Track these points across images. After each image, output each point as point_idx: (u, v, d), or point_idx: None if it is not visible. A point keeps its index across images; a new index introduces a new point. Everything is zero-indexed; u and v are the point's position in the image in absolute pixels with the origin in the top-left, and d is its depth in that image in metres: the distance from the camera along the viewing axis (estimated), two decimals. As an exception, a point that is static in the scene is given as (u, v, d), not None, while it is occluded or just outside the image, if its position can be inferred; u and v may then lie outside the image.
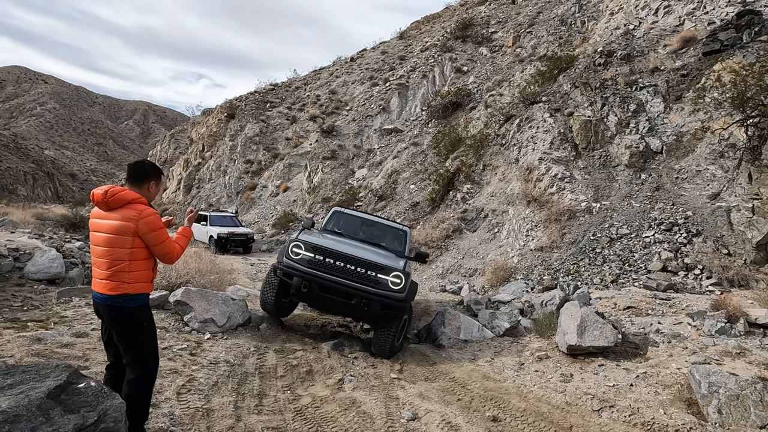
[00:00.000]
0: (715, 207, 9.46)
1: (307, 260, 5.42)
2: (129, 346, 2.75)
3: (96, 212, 2.78)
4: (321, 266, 5.39)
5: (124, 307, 2.69)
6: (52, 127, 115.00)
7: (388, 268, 5.44)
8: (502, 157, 14.83)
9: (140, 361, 2.75)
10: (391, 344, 5.47)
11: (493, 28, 30.84)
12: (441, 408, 4.24)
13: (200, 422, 3.34)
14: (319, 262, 5.40)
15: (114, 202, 2.70)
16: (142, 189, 2.84)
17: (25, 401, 1.92)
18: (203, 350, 4.72)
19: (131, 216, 2.67)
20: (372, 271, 5.38)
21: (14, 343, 3.73)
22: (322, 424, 3.74)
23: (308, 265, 5.39)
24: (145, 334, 2.80)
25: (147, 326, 2.81)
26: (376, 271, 5.39)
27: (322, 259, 5.41)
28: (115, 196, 2.71)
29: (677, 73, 12.89)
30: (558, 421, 4.13)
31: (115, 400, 2.19)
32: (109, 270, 2.68)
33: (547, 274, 10.23)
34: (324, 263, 5.40)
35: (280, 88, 37.28)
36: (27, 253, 7.07)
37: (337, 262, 5.39)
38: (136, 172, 2.85)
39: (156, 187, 2.91)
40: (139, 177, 2.84)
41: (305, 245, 5.50)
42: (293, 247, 5.53)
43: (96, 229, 2.73)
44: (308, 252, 5.46)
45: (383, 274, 5.40)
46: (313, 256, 5.43)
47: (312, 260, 5.41)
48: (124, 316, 2.71)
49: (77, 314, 4.97)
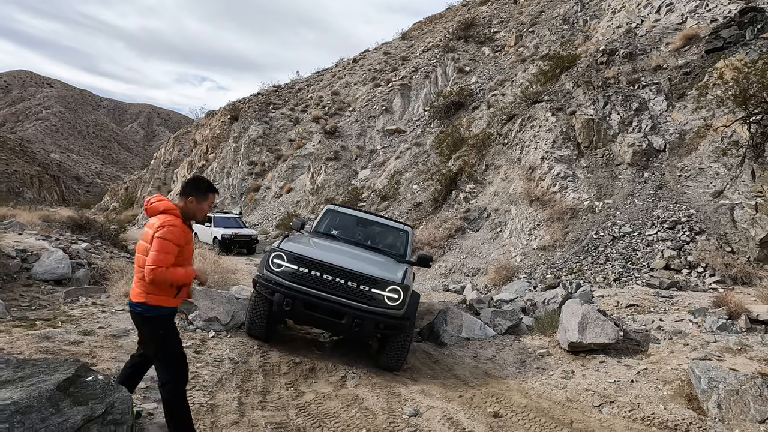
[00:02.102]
0: (718, 205, 9.45)
1: (289, 273, 4.76)
2: (152, 350, 2.84)
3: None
4: (306, 280, 4.73)
5: (143, 315, 2.74)
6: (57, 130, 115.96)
7: (384, 282, 4.78)
8: (505, 157, 14.85)
9: (164, 365, 2.77)
10: (398, 359, 4.99)
11: (496, 28, 30.83)
12: (442, 404, 4.28)
13: (205, 417, 3.39)
14: (303, 276, 4.74)
15: (149, 210, 2.81)
16: (183, 202, 2.90)
17: (35, 393, 1.98)
18: (207, 348, 4.78)
19: (155, 224, 2.73)
20: (365, 285, 4.73)
21: (23, 341, 3.81)
22: (325, 419, 3.79)
23: (291, 279, 4.74)
24: (166, 341, 2.81)
25: (164, 334, 2.80)
26: (369, 286, 4.73)
27: (307, 272, 4.75)
28: (151, 205, 2.81)
29: (680, 71, 12.87)
30: (559, 417, 4.16)
31: (122, 393, 2.25)
32: (137, 276, 2.76)
33: (550, 273, 10.25)
34: (309, 276, 4.74)
35: (282, 89, 37.43)
36: (34, 254, 7.17)
37: (325, 275, 4.72)
38: (183, 186, 2.95)
39: (197, 204, 2.90)
40: (182, 190, 2.92)
41: (287, 256, 4.82)
42: (274, 257, 4.86)
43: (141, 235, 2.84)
44: (291, 264, 4.79)
45: (378, 289, 4.75)
46: (297, 269, 4.76)
47: (295, 273, 4.75)
48: (142, 324, 2.80)
49: (84, 313, 5.05)
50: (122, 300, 5.69)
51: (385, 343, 5.03)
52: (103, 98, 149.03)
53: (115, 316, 5.07)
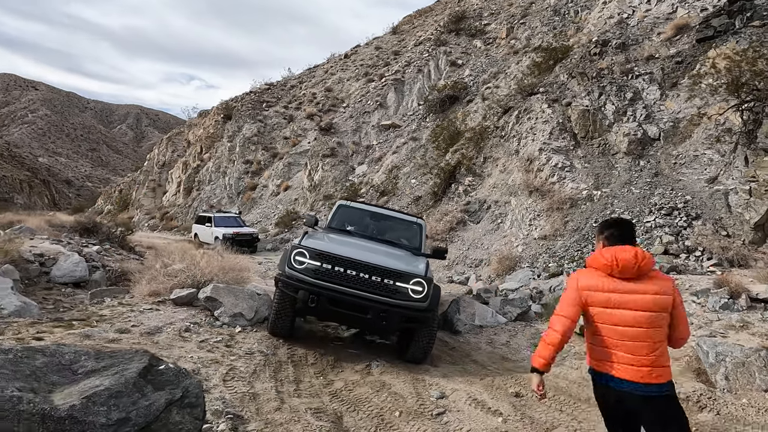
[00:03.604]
0: (713, 190, 9.76)
1: (312, 270, 4.81)
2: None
3: (610, 283, 2.23)
4: (330, 276, 4.78)
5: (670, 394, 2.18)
6: (44, 134, 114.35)
7: (408, 275, 4.86)
8: (502, 149, 15.09)
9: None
10: (424, 352, 5.06)
11: (486, 20, 31.00)
12: (466, 387, 4.52)
13: (250, 404, 3.59)
14: (327, 272, 4.79)
15: (646, 267, 2.20)
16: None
17: (122, 380, 2.17)
18: (237, 342, 4.97)
19: (669, 287, 2.19)
20: (389, 279, 4.79)
21: (67, 340, 3.97)
22: (359, 404, 4.00)
23: (315, 275, 4.79)
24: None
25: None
26: (394, 279, 4.80)
27: (331, 267, 4.80)
28: (647, 260, 2.19)
29: (672, 60, 13.16)
30: (576, 394, 4.41)
31: (192, 380, 2.44)
32: (653, 354, 2.16)
33: (552, 262, 10.53)
34: (333, 272, 4.79)
35: (275, 87, 37.35)
36: (51, 258, 7.28)
37: (349, 270, 4.78)
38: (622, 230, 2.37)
39: (598, 243, 2.43)
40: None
41: (310, 252, 4.88)
42: (296, 255, 4.90)
43: (622, 305, 2.19)
44: (314, 260, 4.84)
45: (402, 282, 4.82)
46: (320, 265, 4.81)
47: (319, 269, 4.80)
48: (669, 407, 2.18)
49: (114, 313, 5.21)
50: (147, 299, 5.84)
51: (410, 337, 5.08)
52: (90, 100, 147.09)
53: (144, 314, 5.24)
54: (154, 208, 33.58)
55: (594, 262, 2.32)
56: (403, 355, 5.20)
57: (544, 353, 2.34)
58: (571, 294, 2.33)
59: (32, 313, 4.78)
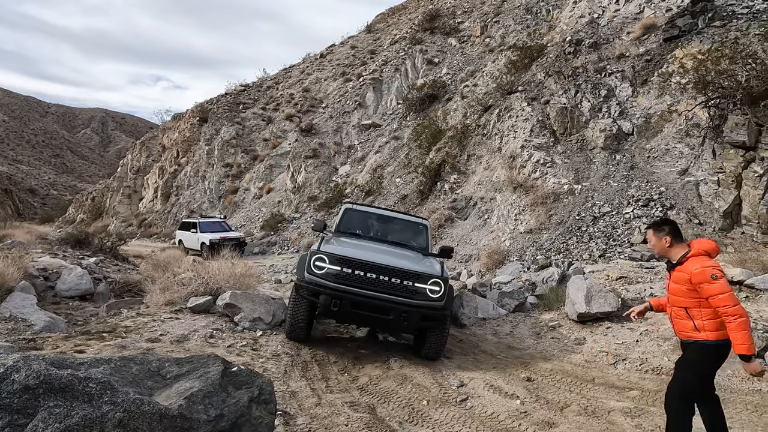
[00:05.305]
0: (684, 182, 10.47)
1: (333, 274, 4.95)
2: None
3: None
4: (350, 280, 4.93)
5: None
6: (2, 141, 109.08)
7: (426, 276, 5.05)
8: (485, 147, 15.59)
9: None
10: (439, 349, 5.28)
11: (460, 18, 31.56)
12: (481, 375, 4.88)
13: (291, 401, 3.85)
14: (347, 276, 4.94)
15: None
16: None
17: (208, 382, 2.40)
18: (261, 345, 5.19)
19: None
20: (409, 280, 4.98)
21: (107, 351, 4.11)
22: (387, 396, 4.31)
23: (335, 279, 4.93)
24: None
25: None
26: (413, 281, 4.99)
27: (351, 271, 4.95)
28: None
29: (641, 58, 13.90)
30: (581, 376, 4.84)
31: (264, 379, 2.69)
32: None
33: (540, 254, 11.06)
34: (353, 276, 4.94)
35: (251, 88, 36.98)
36: (54, 271, 7.27)
37: (369, 273, 4.94)
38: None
39: (659, 240, 3.15)
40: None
41: (329, 257, 5.00)
42: (316, 260, 5.02)
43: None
44: (333, 265, 4.97)
45: (421, 283, 5.01)
46: (340, 269, 4.95)
47: (339, 274, 4.95)
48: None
49: (137, 324, 5.33)
50: (163, 309, 5.97)
51: (426, 335, 5.27)
52: (50, 104, 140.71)
53: (167, 324, 5.38)
54: (131, 215, 32.84)
55: (706, 245, 3.06)
56: (418, 351, 5.43)
57: (749, 340, 2.80)
58: (726, 283, 2.92)
59: (60, 327, 4.87)
